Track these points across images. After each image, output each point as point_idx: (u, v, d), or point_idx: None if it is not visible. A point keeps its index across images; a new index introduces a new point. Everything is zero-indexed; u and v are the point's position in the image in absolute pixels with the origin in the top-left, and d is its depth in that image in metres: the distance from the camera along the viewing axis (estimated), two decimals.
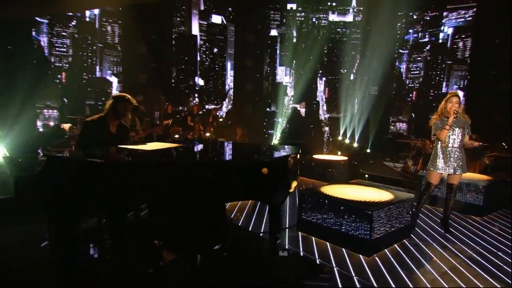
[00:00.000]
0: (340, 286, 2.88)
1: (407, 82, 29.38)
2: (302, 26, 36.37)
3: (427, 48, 26.78)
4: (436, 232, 4.28)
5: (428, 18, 25.32)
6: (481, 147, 7.58)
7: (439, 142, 4.09)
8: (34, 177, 2.00)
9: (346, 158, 7.85)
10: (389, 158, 10.63)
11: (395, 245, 3.80)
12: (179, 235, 2.68)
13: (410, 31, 27.01)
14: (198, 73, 34.86)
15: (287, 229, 4.27)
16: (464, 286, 2.94)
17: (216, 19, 33.55)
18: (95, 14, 27.22)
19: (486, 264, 3.41)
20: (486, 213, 5.02)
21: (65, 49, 34.51)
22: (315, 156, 7.88)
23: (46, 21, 31.05)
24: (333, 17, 36.30)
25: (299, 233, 4.12)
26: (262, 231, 4.19)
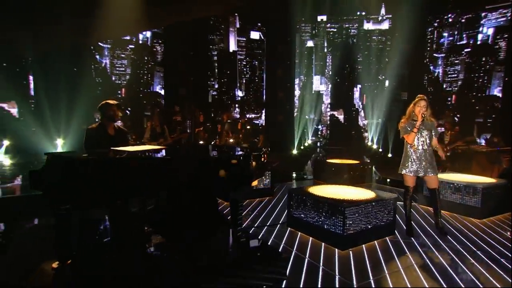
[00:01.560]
0: (304, 272, 3.04)
1: (444, 86, 27.53)
2: (335, 36, 35.89)
3: (466, 50, 25.04)
4: (425, 232, 4.21)
5: (463, 20, 23.67)
6: (495, 152, 7.12)
7: (409, 145, 4.04)
8: (36, 173, 2.49)
9: (358, 161, 7.77)
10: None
11: (376, 241, 3.83)
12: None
13: (445, 34, 25.36)
14: (238, 85, 36.03)
15: (279, 225, 4.46)
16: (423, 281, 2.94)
17: (255, 35, 34.60)
18: (147, 37, 29.52)
19: (459, 263, 3.34)
20: (485, 216, 4.77)
21: (123, 69, 37.50)
22: (329, 160, 7.90)
23: (108, 45, 34.15)
24: (368, 26, 35.39)
25: (288, 228, 4.30)
26: (254, 225, 4.43)
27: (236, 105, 40.40)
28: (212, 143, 10.24)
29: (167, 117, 12.37)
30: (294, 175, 8.81)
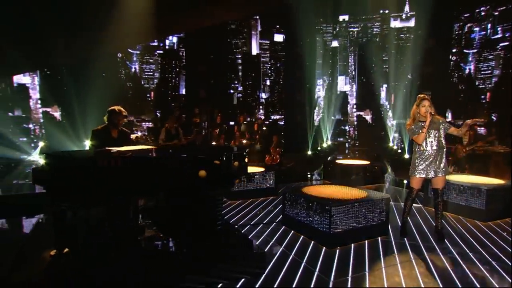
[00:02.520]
0: (286, 268, 3.14)
1: (477, 83, 25.99)
2: (359, 35, 35.17)
3: (502, 44, 23.44)
4: (422, 234, 4.15)
5: (497, 13, 22.24)
6: None
7: (417, 147, 3.96)
8: (36, 171, 2.80)
9: (368, 162, 7.67)
10: None
11: (366, 241, 3.84)
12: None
13: (476, 29, 24.02)
14: (262, 87, 36.37)
15: (274, 223, 4.57)
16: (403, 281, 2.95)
17: (278, 37, 34.94)
18: (174, 42, 30.75)
19: (446, 264, 3.29)
20: (490, 218, 4.59)
21: (151, 73, 39.18)
22: (338, 161, 7.87)
23: (137, 52, 35.82)
24: (395, 24, 34.38)
25: (283, 227, 4.40)
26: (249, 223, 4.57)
27: (261, 107, 40.79)
28: (223, 143, 10.50)
29: (186, 118, 12.85)
30: (309, 175, 8.85)
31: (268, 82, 39.16)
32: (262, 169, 6.45)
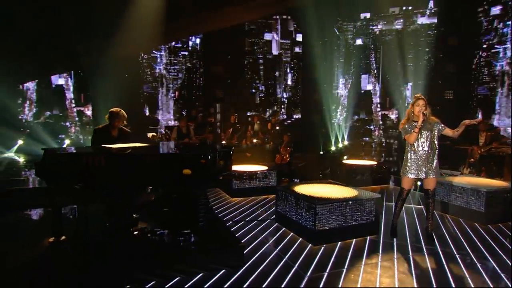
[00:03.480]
0: (267, 262, 3.26)
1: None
2: (382, 33, 34.20)
3: None
4: (415, 234, 4.13)
5: None
6: None
7: (409, 146, 3.91)
8: (37, 165, 3.10)
9: (375, 163, 7.57)
10: (448, 166, 9.54)
11: (354, 240, 3.87)
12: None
13: (509, 22, 22.62)
14: (283, 86, 36.42)
15: (268, 220, 4.68)
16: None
17: (300, 37, 34.84)
18: (197, 43, 31.45)
19: (428, 264, 3.28)
20: (490, 221, 4.46)
21: (176, 73, 40.34)
22: (345, 161, 7.83)
23: (162, 53, 36.99)
24: (422, 20, 33.17)
25: (276, 224, 4.51)
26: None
27: (282, 106, 40.82)
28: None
29: (203, 118, 13.15)
30: (321, 175, 8.82)
31: (289, 82, 39.12)
32: (265, 168, 6.58)
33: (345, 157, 10.56)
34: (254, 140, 10.59)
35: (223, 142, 10.03)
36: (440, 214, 5.00)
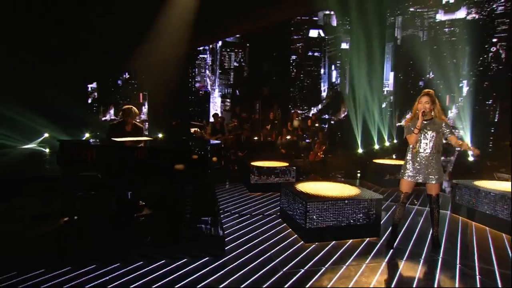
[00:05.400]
0: (250, 254, 3.35)
1: None
2: (438, 28, 30.88)
3: None
4: (420, 238, 3.85)
5: None
6: None
7: (410, 147, 3.59)
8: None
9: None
10: (504, 169, 8.42)
11: (351, 240, 3.75)
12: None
13: None
14: (328, 84, 35.44)
15: (273, 216, 4.73)
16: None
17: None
18: (243, 41, 32.13)
19: (417, 271, 3.06)
20: None
21: (223, 70, 41.72)
22: (375, 160, 7.44)
23: (206, 55, 38.62)
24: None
25: (279, 219, 4.55)
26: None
27: (319, 104, 39.63)
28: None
29: (249, 115, 13.48)
30: (359, 174, 8.50)
31: (334, 79, 37.83)
32: (285, 164, 6.59)
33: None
34: (288, 137, 10.57)
35: (255, 138, 10.18)
36: (465, 221, 4.54)
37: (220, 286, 2.74)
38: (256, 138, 10.11)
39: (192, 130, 12.58)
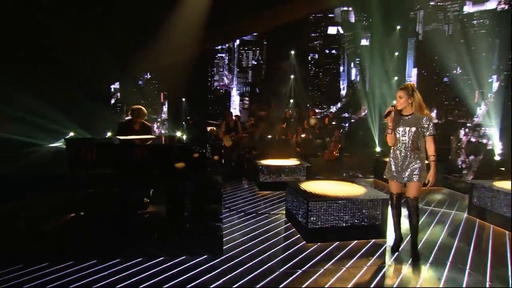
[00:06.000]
0: (248, 254, 3.31)
1: None
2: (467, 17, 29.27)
3: None
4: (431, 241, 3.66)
5: None
6: None
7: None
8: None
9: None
10: None
11: (356, 241, 3.61)
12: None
13: None
14: (347, 81, 34.69)
15: (279, 215, 4.66)
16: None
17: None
18: (261, 39, 32.07)
19: (420, 275, 2.90)
20: None
21: (241, 69, 42.22)
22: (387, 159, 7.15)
23: (224, 54, 38.96)
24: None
25: (284, 218, 4.47)
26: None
27: (339, 103, 38.84)
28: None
29: (267, 113, 13.47)
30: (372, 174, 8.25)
31: (353, 76, 36.98)
32: (296, 162, 6.49)
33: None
34: (303, 135, 10.42)
35: (269, 136, 10.12)
36: (482, 223, 4.27)
37: (211, 286, 2.71)
38: (270, 136, 10.03)
39: (208, 128, 12.71)
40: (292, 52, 15.69)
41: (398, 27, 13.93)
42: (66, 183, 3.70)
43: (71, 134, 14.39)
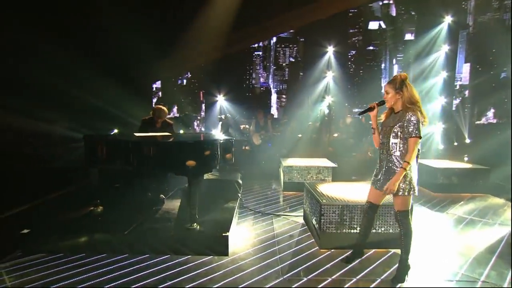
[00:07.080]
0: (255, 256, 3.17)
1: None
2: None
3: None
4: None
5: None
6: None
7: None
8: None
9: (470, 165, 6.05)
10: None
11: (374, 250, 3.31)
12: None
13: None
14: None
15: (296, 216, 4.45)
16: None
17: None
18: (298, 37, 31.48)
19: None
20: None
21: (278, 68, 41.76)
22: (425, 162, 6.55)
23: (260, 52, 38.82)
24: None
25: (300, 221, 4.26)
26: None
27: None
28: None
29: None
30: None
31: (395, 73, 35.06)
32: (323, 163, 6.19)
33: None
34: (335, 135, 9.98)
35: (299, 135, 9.83)
36: None
37: (209, 287, 2.62)
38: (300, 135, 9.75)
39: (242, 126, 12.72)
40: (330, 48, 15.15)
41: (450, 18, 12.78)
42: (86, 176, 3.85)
43: (115, 131, 15.31)
